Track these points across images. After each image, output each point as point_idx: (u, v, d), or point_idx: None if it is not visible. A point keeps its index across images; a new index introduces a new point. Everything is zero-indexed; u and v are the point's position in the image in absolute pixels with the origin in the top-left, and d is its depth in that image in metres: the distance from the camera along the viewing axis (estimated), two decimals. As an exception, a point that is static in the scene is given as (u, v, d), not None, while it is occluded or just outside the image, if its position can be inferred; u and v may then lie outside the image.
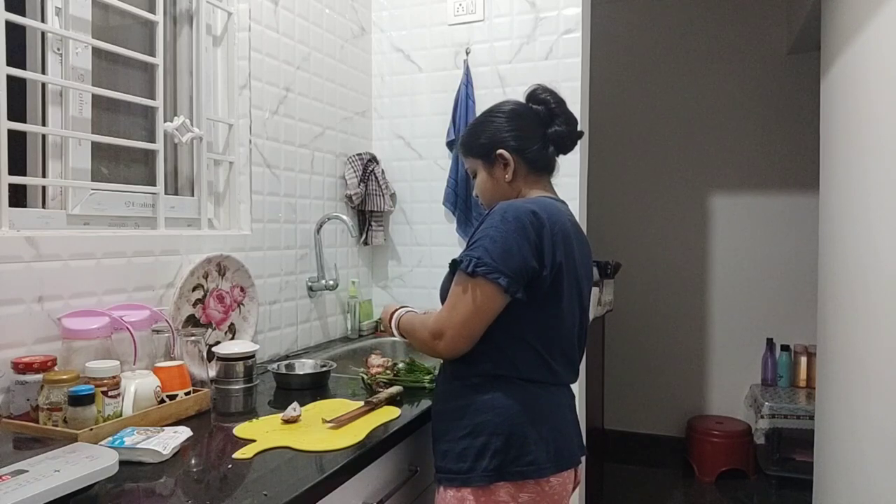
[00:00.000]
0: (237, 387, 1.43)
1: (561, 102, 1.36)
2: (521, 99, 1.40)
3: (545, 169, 1.37)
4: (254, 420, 1.31)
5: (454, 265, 1.22)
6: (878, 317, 1.81)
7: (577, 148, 2.13)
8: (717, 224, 3.74)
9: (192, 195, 1.78)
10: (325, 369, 1.65)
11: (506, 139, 1.32)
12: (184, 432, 1.15)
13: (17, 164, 1.33)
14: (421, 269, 2.42)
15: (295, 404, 1.33)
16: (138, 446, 1.06)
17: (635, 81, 3.83)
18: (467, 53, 2.30)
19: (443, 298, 1.28)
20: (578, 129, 1.37)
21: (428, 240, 2.40)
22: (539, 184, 1.36)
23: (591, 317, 2.58)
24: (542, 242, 1.18)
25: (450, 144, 2.34)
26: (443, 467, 1.23)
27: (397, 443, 1.29)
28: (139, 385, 1.23)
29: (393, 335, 1.45)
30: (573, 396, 1.34)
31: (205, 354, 1.44)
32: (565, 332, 1.26)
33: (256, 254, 1.85)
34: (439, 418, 1.29)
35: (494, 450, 1.17)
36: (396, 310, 1.43)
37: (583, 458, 1.32)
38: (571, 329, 1.28)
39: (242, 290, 1.73)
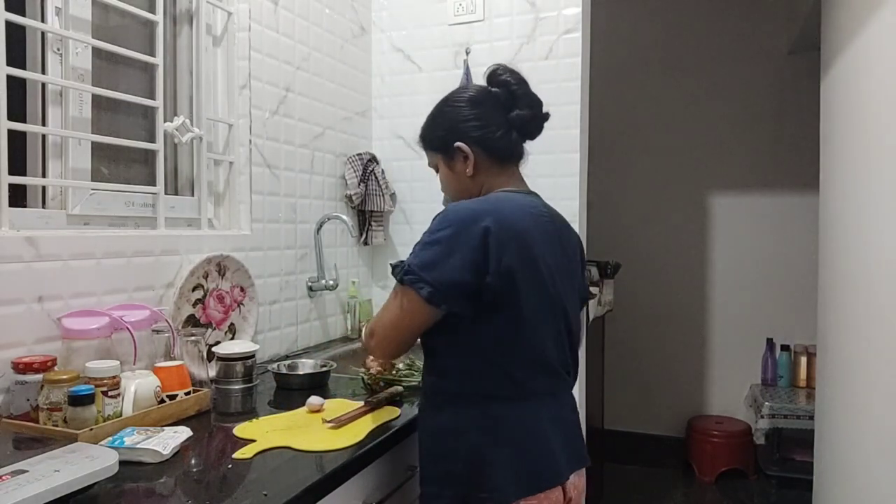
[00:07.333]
0: (237, 387, 1.43)
1: (522, 83, 1.25)
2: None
3: (510, 158, 1.26)
4: (254, 420, 1.31)
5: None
6: (879, 316, 1.81)
7: (576, 147, 2.16)
8: (717, 224, 3.74)
9: (192, 195, 1.78)
10: (325, 369, 1.65)
11: (465, 130, 1.23)
12: (184, 432, 1.15)
13: (17, 164, 1.33)
14: (421, 269, 2.41)
15: (318, 397, 1.39)
16: (138, 446, 1.06)
17: (635, 81, 3.83)
18: (467, 53, 2.30)
19: None
20: (544, 110, 1.26)
21: (428, 240, 2.40)
22: (504, 174, 1.25)
23: (591, 316, 2.59)
24: (487, 248, 1.07)
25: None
26: (422, 491, 1.20)
27: (397, 443, 1.29)
28: (139, 385, 1.23)
29: None
30: (562, 406, 1.22)
31: (205, 354, 1.44)
32: (532, 339, 1.13)
33: (256, 254, 1.85)
34: (419, 436, 1.25)
35: (456, 476, 1.12)
36: None
37: (582, 470, 1.23)
38: (544, 335, 1.15)
39: (242, 290, 1.73)
